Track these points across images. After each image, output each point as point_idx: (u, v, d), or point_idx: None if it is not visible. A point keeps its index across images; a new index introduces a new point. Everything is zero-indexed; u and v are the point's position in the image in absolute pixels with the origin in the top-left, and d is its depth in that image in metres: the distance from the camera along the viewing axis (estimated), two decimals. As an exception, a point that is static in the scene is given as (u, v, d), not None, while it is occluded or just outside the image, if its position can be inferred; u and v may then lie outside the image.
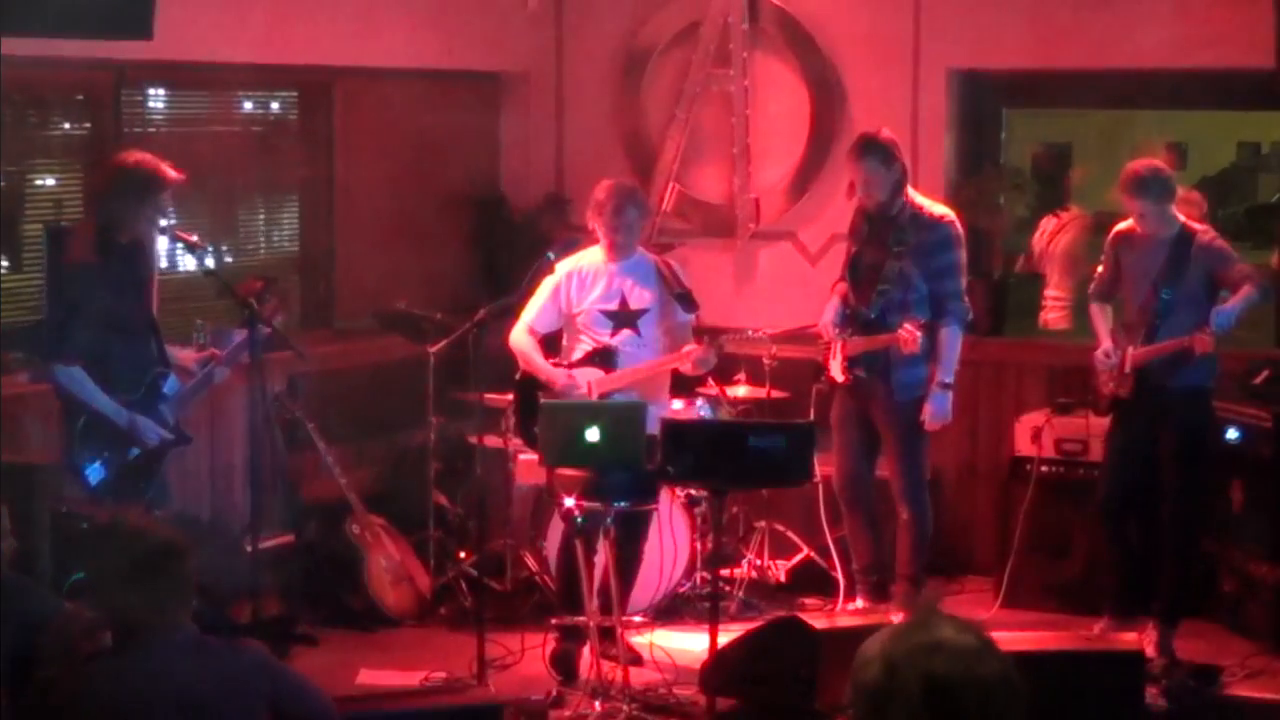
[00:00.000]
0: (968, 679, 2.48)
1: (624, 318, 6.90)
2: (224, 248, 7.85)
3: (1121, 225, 6.93)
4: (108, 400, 6.07)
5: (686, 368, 6.92)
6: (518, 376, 6.97)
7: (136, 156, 6.16)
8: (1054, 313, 9.12)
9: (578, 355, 6.94)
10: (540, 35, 8.85)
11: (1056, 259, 9.23)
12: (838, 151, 8.09)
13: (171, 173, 6.12)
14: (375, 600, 7.30)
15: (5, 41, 4.74)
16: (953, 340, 6.95)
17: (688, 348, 6.84)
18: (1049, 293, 9.15)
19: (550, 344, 7.06)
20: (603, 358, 6.90)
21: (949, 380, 6.94)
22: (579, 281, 6.91)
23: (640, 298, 6.91)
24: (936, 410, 6.95)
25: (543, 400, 6.49)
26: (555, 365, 6.95)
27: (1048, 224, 9.30)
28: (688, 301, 6.91)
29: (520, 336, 6.92)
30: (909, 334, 6.73)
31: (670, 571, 7.12)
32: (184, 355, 6.45)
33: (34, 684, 4.18)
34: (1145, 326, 6.76)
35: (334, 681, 6.13)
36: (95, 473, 6.11)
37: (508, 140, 9.02)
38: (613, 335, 6.89)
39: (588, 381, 6.84)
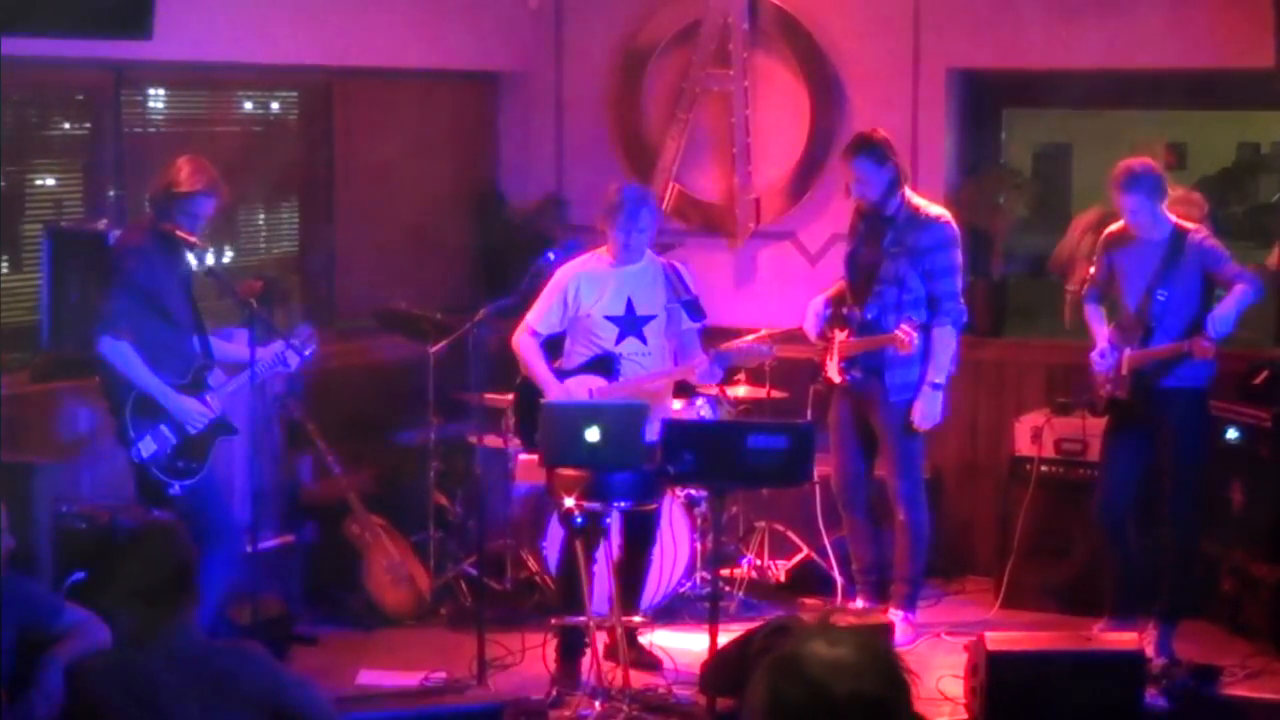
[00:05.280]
0: (814, 697, 2.32)
1: (630, 324, 6.83)
2: (225, 247, 7.86)
3: (1114, 226, 6.93)
4: (153, 378, 6.16)
5: (692, 378, 6.91)
6: (519, 380, 6.94)
7: (189, 161, 6.27)
8: None
9: (579, 361, 6.89)
10: (540, 35, 8.85)
11: None
12: (838, 151, 8.07)
13: (199, 182, 6.19)
14: (375, 600, 7.31)
15: (5, 41, 4.73)
16: (946, 341, 6.95)
17: (700, 365, 6.77)
18: None
19: (553, 346, 7.00)
20: (603, 365, 6.83)
21: (940, 381, 6.94)
22: (586, 286, 6.82)
23: (647, 304, 6.84)
24: (926, 410, 6.94)
25: (542, 403, 6.48)
26: (556, 370, 6.90)
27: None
28: (695, 309, 6.84)
29: (523, 339, 6.85)
30: (906, 335, 6.72)
31: (670, 571, 7.13)
32: (231, 348, 6.57)
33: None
34: (1141, 328, 6.76)
35: (334, 681, 6.15)
36: (146, 446, 6.17)
37: (507, 140, 9.02)
38: (618, 342, 6.83)
39: (589, 390, 6.77)
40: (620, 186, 6.91)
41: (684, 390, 7.25)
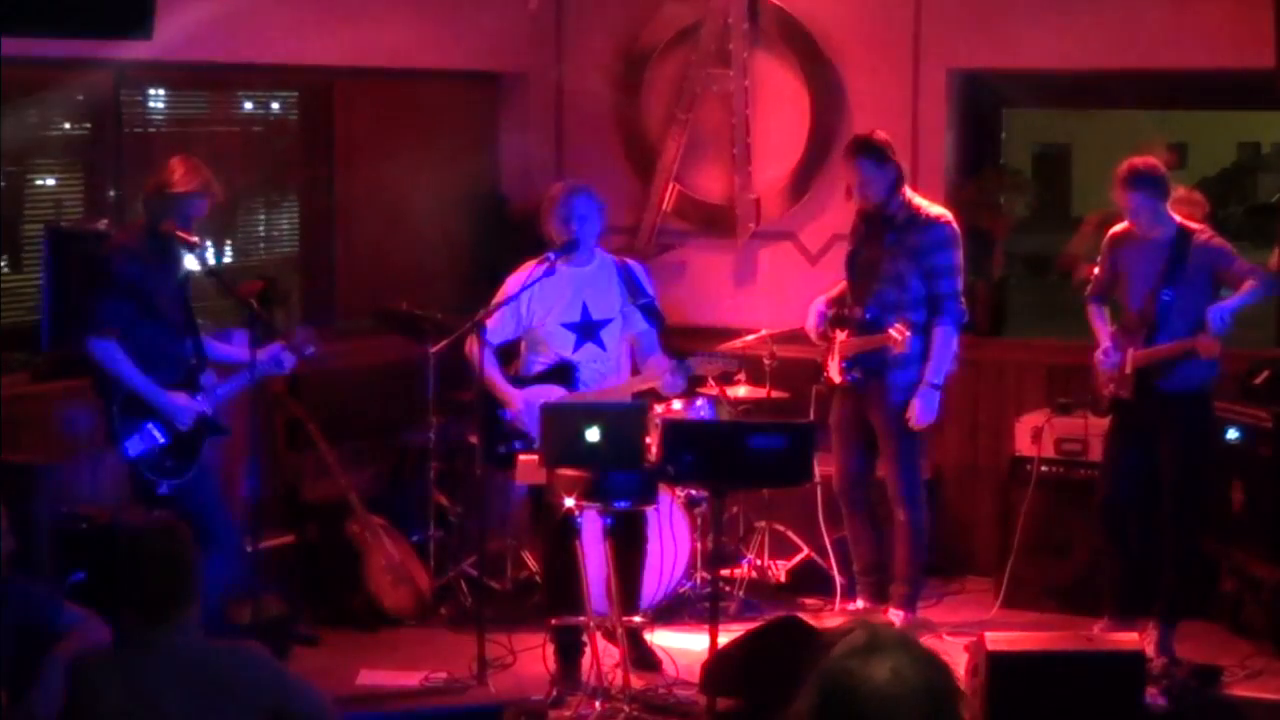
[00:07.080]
0: None
1: (587, 330, 6.79)
2: (225, 247, 7.86)
3: (1118, 227, 6.93)
4: (142, 377, 6.14)
5: (656, 387, 6.86)
6: (476, 388, 6.89)
7: (182, 161, 6.24)
8: None
9: (537, 370, 6.86)
10: (540, 35, 8.85)
11: None
12: (838, 151, 8.07)
13: (193, 182, 6.17)
14: (375, 600, 7.30)
15: (5, 41, 4.74)
16: (945, 340, 6.94)
17: (662, 375, 6.70)
18: None
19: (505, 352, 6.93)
20: (562, 374, 6.80)
21: (937, 381, 6.93)
22: (539, 294, 6.76)
23: (602, 307, 6.80)
24: (922, 409, 6.93)
25: (542, 404, 6.46)
26: (513, 378, 6.84)
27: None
28: (652, 314, 6.81)
29: (475, 347, 6.71)
30: (899, 334, 6.72)
31: (670, 571, 7.12)
32: (225, 349, 6.56)
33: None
34: (1146, 328, 6.75)
35: (334, 681, 6.14)
36: (134, 445, 6.16)
37: (508, 140, 9.02)
38: (576, 350, 6.79)
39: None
40: (559, 184, 6.90)
41: (648, 396, 7.17)
